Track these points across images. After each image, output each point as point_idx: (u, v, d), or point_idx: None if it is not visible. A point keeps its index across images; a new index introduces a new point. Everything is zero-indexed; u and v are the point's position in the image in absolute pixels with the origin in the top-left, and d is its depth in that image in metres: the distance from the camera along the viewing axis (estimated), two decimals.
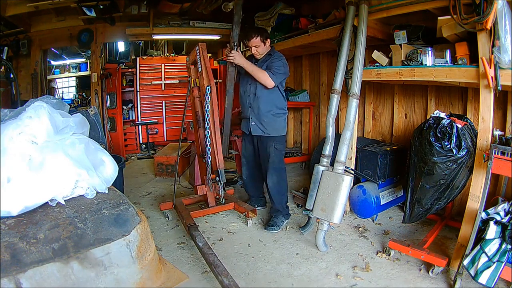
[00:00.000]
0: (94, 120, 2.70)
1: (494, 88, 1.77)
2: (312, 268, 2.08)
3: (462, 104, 2.71)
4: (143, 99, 6.06)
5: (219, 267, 1.81)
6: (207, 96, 2.45)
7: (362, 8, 2.43)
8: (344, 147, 2.40)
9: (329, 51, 3.85)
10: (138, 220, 1.67)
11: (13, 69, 4.35)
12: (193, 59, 2.78)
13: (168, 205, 2.87)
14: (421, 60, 2.19)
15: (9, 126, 1.68)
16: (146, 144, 5.92)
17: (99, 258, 1.47)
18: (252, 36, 2.54)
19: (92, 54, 5.16)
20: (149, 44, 6.59)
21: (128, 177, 4.05)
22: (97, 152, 1.96)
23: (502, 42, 1.69)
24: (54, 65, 6.90)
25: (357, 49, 2.43)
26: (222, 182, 2.52)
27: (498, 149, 1.67)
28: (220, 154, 2.53)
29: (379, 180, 2.70)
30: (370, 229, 2.59)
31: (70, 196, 1.70)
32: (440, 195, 2.18)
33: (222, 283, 1.70)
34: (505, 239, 1.64)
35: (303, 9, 4.21)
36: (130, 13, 4.83)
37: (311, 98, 4.30)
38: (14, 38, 4.72)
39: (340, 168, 2.39)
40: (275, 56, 2.59)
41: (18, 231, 1.41)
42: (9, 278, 1.23)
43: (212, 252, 1.99)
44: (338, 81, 2.54)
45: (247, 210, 2.67)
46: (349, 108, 2.45)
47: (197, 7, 4.79)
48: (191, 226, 2.35)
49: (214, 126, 2.51)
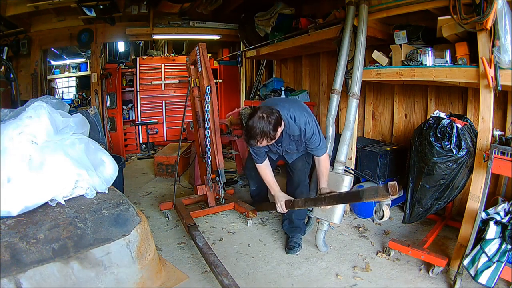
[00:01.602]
0: (94, 120, 2.70)
1: (494, 88, 1.77)
2: (312, 268, 2.08)
3: (462, 104, 2.71)
4: (143, 99, 6.06)
5: (219, 267, 1.81)
6: (207, 96, 2.45)
7: (362, 8, 2.43)
8: (344, 147, 2.41)
9: (329, 51, 3.84)
10: (138, 220, 1.67)
11: (13, 69, 4.36)
12: (193, 59, 2.78)
13: (168, 205, 2.87)
14: (421, 60, 2.19)
15: (9, 126, 1.68)
16: (146, 144, 5.92)
17: (99, 258, 1.47)
18: (261, 141, 1.89)
19: (92, 54, 5.17)
20: (149, 44, 6.59)
21: (128, 177, 4.05)
22: (97, 152, 1.97)
23: (502, 42, 1.69)
24: (54, 65, 6.89)
25: (357, 49, 2.43)
26: (222, 182, 2.51)
27: (498, 149, 1.67)
28: (220, 154, 2.52)
29: (379, 180, 2.70)
30: (370, 229, 2.59)
31: (70, 196, 1.70)
32: (440, 195, 2.18)
33: (222, 283, 1.70)
34: (505, 239, 1.64)
35: (303, 9, 4.21)
36: (130, 13, 4.84)
37: (311, 98, 4.29)
38: (14, 38, 4.72)
39: (340, 168, 2.39)
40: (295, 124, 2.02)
41: (18, 231, 1.41)
42: (9, 278, 1.23)
43: (212, 252, 2.00)
44: (338, 81, 2.54)
45: (247, 210, 2.67)
46: (349, 108, 2.45)
47: (197, 7, 4.79)
48: (191, 226, 2.35)
49: (214, 126, 2.50)
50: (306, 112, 2.10)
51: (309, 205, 2.13)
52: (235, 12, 4.87)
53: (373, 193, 1.56)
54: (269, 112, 1.85)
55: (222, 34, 5.24)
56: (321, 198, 1.94)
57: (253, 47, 4.53)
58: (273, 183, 2.24)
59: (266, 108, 1.89)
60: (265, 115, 1.83)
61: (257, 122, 1.82)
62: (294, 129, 2.04)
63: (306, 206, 2.15)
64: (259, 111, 1.85)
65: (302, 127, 2.03)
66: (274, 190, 2.23)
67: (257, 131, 1.82)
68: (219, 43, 6.15)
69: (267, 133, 1.84)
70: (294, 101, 2.29)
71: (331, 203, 1.92)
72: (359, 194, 1.63)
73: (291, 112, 2.02)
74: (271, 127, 1.84)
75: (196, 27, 5.12)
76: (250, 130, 1.85)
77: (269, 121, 1.82)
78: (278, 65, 5.04)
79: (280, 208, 2.19)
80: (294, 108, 2.05)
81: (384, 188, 1.47)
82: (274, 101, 2.29)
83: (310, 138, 2.06)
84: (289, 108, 2.03)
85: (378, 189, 1.51)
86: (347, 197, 1.85)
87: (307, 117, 2.05)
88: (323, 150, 2.12)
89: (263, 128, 1.82)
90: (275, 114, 1.87)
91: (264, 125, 1.82)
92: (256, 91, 5.29)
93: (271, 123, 1.83)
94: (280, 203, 2.18)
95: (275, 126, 1.86)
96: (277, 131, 1.89)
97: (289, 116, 2.01)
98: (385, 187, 1.47)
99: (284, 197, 2.18)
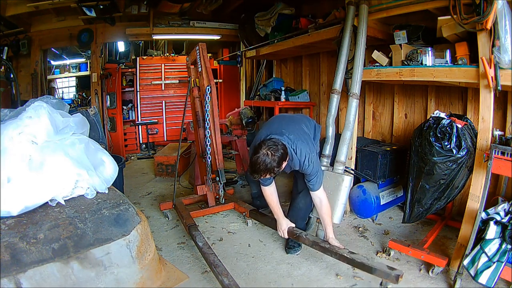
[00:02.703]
0: (94, 120, 2.70)
1: (494, 88, 1.77)
2: (312, 268, 2.08)
3: (462, 104, 2.71)
4: (143, 99, 6.06)
5: (219, 267, 1.81)
6: (207, 96, 2.45)
7: (362, 8, 2.43)
8: (344, 147, 2.41)
9: (329, 51, 3.84)
10: (138, 220, 1.68)
11: (13, 69, 4.36)
12: (193, 59, 2.78)
13: (168, 205, 2.87)
14: (421, 60, 2.19)
15: (9, 126, 1.68)
16: (146, 144, 5.92)
17: (99, 258, 1.47)
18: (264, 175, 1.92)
19: (92, 54, 5.17)
20: (149, 44, 6.59)
21: (128, 177, 4.05)
22: (97, 152, 1.97)
23: (502, 42, 1.69)
24: (54, 65, 6.90)
25: (357, 49, 2.43)
26: (222, 182, 2.51)
27: (498, 149, 1.67)
28: (220, 154, 2.52)
29: (379, 180, 2.70)
30: (370, 229, 2.59)
31: (70, 196, 1.70)
32: (440, 195, 2.18)
33: (222, 283, 1.70)
34: (505, 239, 1.64)
35: (303, 9, 4.21)
36: (130, 13, 4.84)
37: (311, 98, 4.30)
38: (14, 38, 4.72)
39: (340, 168, 2.39)
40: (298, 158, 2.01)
41: (18, 231, 1.41)
42: (9, 278, 1.23)
43: (212, 252, 1.99)
44: (338, 81, 2.54)
45: (247, 210, 2.66)
46: (349, 108, 2.45)
47: (197, 7, 4.79)
48: (191, 226, 2.34)
49: (214, 126, 2.50)
50: (309, 144, 2.06)
51: (316, 248, 2.07)
52: (235, 12, 4.88)
53: (383, 274, 1.70)
54: (274, 149, 1.83)
55: (222, 34, 5.25)
56: (332, 250, 1.95)
57: (253, 47, 4.53)
58: (277, 208, 2.21)
59: (272, 144, 1.85)
60: (270, 152, 1.81)
61: (262, 159, 1.81)
62: (296, 162, 2.02)
63: (312, 247, 2.10)
64: (264, 147, 1.83)
65: (302, 163, 2.01)
66: (278, 215, 2.22)
67: (261, 167, 1.82)
68: (219, 43, 6.15)
69: (270, 169, 1.84)
70: (298, 130, 2.15)
71: (340, 260, 1.92)
72: (371, 269, 1.74)
73: (295, 145, 1.99)
74: (275, 164, 1.83)
75: (196, 27, 5.12)
76: (254, 165, 1.84)
77: (273, 158, 1.81)
78: (278, 65, 5.04)
79: (282, 234, 2.21)
80: (298, 140, 2.01)
81: (395, 276, 1.65)
82: (280, 126, 2.14)
83: (309, 174, 2.05)
84: (293, 141, 1.99)
85: (390, 275, 1.67)
86: (358, 265, 1.84)
87: (308, 152, 2.00)
88: (317, 185, 2.08)
89: (267, 165, 1.81)
90: (280, 150, 1.84)
91: (268, 162, 1.81)
92: (256, 91, 5.30)
93: (276, 160, 1.82)
94: (282, 230, 2.19)
95: (280, 162, 1.85)
96: (281, 167, 1.89)
97: (292, 150, 1.98)
98: (396, 277, 1.64)
99: (287, 225, 2.19)
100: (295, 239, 2.16)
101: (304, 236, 2.10)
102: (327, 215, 2.10)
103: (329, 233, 2.09)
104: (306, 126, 2.24)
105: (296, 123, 2.22)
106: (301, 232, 2.14)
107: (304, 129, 2.19)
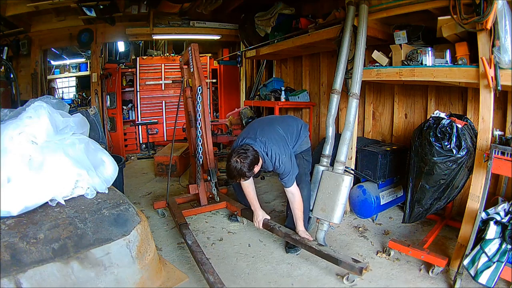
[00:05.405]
0: (94, 120, 2.70)
1: (494, 88, 1.77)
2: (312, 268, 2.08)
3: (462, 104, 2.71)
4: (143, 99, 6.07)
5: (206, 265, 1.85)
6: (198, 96, 2.46)
7: (362, 8, 2.43)
8: (344, 147, 2.40)
9: (329, 51, 3.84)
10: (138, 220, 1.67)
11: (13, 69, 4.35)
12: (186, 60, 2.79)
13: (162, 204, 2.89)
14: (421, 60, 2.19)
15: (9, 126, 1.68)
16: (146, 144, 5.93)
17: (99, 258, 1.47)
18: (239, 179, 2.11)
19: (92, 54, 5.17)
20: (149, 44, 6.60)
21: (128, 177, 4.05)
22: (97, 152, 1.97)
23: (502, 42, 1.69)
24: (54, 65, 6.90)
25: (357, 49, 2.42)
26: (213, 181, 2.56)
27: (498, 149, 1.67)
28: (211, 154, 2.55)
29: (379, 180, 2.70)
30: (370, 229, 2.59)
31: (70, 196, 1.70)
32: (440, 195, 2.18)
33: (208, 280, 1.74)
34: (505, 239, 1.64)
35: (303, 9, 4.21)
36: (130, 13, 4.84)
37: (311, 98, 4.29)
38: (14, 38, 4.72)
39: (340, 168, 2.38)
40: (270, 160, 2.13)
41: (18, 231, 1.41)
42: (9, 278, 1.23)
43: (200, 250, 2.03)
44: (338, 81, 2.54)
45: (238, 209, 2.67)
46: (349, 108, 2.45)
47: (197, 7, 4.79)
48: (181, 225, 2.37)
49: (206, 126, 2.53)
50: (281, 147, 2.16)
51: (288, 239, 2.22)
52: (235, 12, 4.88)
53: (348, 267, 1.83)
54: (244, 156, 2.00)
55: (222, 34, 5.24)
56: (302, 242, 2.11)
57: (253, 47, 4.53)
58: (254, 200, 2.40)
59: (242, 151, 2.01)
60: (239, 160, 1.98)
61: (233, 165, 1.99)
62: (268, 164, 2.16)
63: (284, 238, 2.26)
64: (235, 155, 2.01)
65: (273, 164, 2.15)
66: (254, 206, 2.41)
67: (234, 173, 2.02)
68: (219, 43, 6.16)
69: (242, 174, 2.02)
70: (272, 133, 2.22)
71: (309, 251, 2.07)
72: (337, 261, 1.88)
73: (267, 148, 2.12)
74: (245, 169, 2.01)
75: (196, 27, 5.12)
76: (228, 171, 2.06)
77: (243, 165, 1.98)
78: (278, 65, 5.04)
79: (257, 225, 2.39)
80: (269, 143, 2.13)
81: (359, 269, 1.76)
82: (254, 130, 2.24)
83: (281, 174, 2.18)
84: (265, 144, 2.13)
85: (354, 267, 1.79)
86: (325, 256, 1.97)
87: (279, 154, 2.12)
88: (290, 183, 2.19)
89: (238, 171, 1.99)
90: (250, 156, 2.01)
91: (239, 168, 1.99)
92: (256, 91, 5.29)
93: (245, 166, 1.99)
94: (257, 221, 2.38)
95: (250, 167, 2.02)
96: (253, 170, 2.06)
97: (265, 153, 2.12)
98: (359, 269, 1.76)
99: (263, 216, 2.38)
100: (269, 230, 2.32)
101: (277, 228, 2.26)
102: (298, 209, 2.23)
103: (299, 226, 2.23)
104: (284, 128, 2.31)
105: (271, 126, 2.32)
106: (275, 224, 2.30)
107: (279, 131, 2.27)
